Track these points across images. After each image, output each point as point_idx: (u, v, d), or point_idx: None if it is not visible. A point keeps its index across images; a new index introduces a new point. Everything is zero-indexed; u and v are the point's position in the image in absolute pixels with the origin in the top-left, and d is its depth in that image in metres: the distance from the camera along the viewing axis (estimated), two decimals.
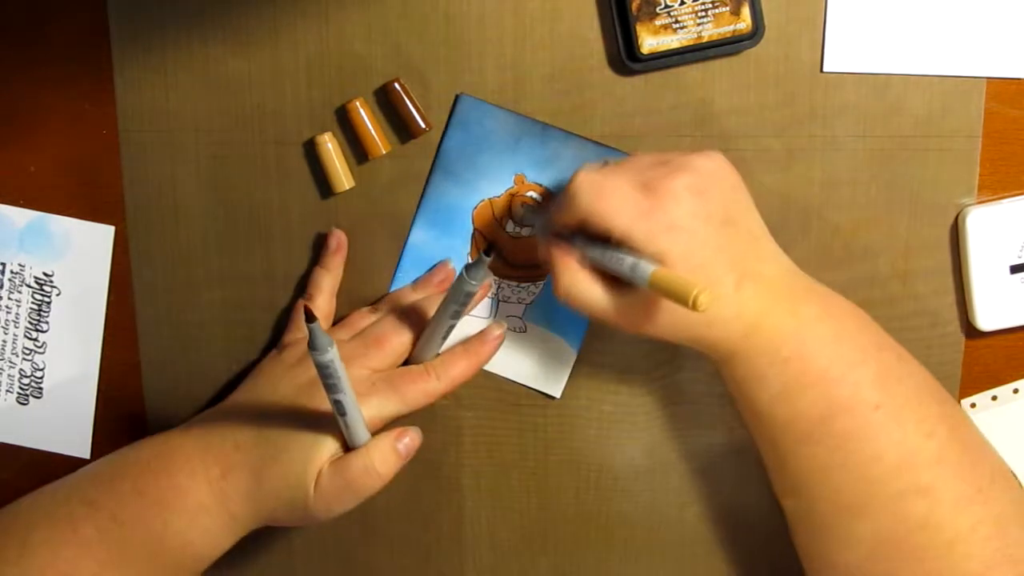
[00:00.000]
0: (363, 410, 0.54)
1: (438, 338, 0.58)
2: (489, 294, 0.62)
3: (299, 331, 0.62)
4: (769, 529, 0.64)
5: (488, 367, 0.62)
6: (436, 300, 0.59)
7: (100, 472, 0.59)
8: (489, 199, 0.61)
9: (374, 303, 0.63)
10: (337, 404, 0.52)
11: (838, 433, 0.51)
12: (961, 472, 0.52)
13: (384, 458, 0.55)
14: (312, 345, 0.48)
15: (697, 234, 0.51)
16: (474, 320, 0.62)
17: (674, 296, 0.47)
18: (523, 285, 0.62)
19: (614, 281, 0.54)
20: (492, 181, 0.61)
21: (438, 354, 0.60)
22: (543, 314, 0.63)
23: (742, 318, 0.52)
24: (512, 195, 0.61)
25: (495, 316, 0.63)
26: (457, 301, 0.56)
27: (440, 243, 0.62)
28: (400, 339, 0.59)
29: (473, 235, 0.62)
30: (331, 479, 0.55)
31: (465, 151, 0.60)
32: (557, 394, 0.63)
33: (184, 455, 0.57)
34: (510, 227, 0.61)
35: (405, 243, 0.62)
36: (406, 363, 0.60)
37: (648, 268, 0.49)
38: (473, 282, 0.54)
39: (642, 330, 0.53)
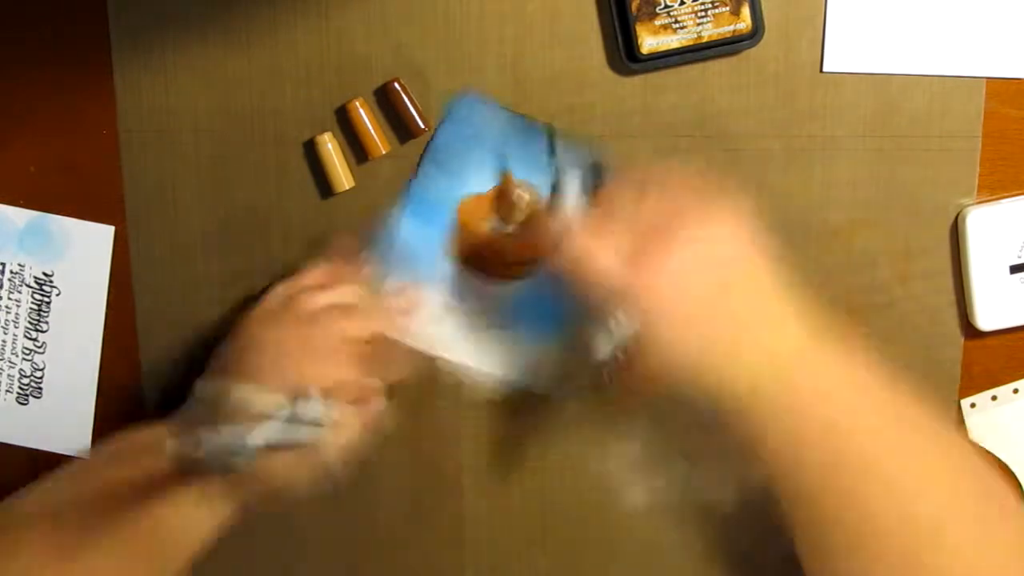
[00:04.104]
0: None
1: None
2: (449, 302, 0.62)
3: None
4: (769, 529, 0.64)
5: (458, 358, 0.62)
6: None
7: (88, 457, 0.59)
8: (475, 195, 0.61)
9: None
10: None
11: (846, 489, 0.50)
12: (971, 502, 0.51)
13: (342, 412, 0.54)
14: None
15: (692, 316, 0.50)
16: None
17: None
18: (505, 282, 0.62)
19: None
20: (481, 176, 0.61)
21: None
22: (527, 310, 0.62)
23: (739, 380, 0.51)
24: (499, 191, 0.61)
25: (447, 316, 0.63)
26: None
27: (421, 232, 0.62)
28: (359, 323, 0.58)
29: (456, 227, 0.61)
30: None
31: (456, 144, 0.60)
32: (542, 391, 0.63)
33: (155, 439, 0.57)
34: (494, 223, 0.61)
35: (387, 228, 0.62)
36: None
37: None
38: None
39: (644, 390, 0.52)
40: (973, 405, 0.62)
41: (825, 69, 0.59)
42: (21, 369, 0.64)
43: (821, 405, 0.51)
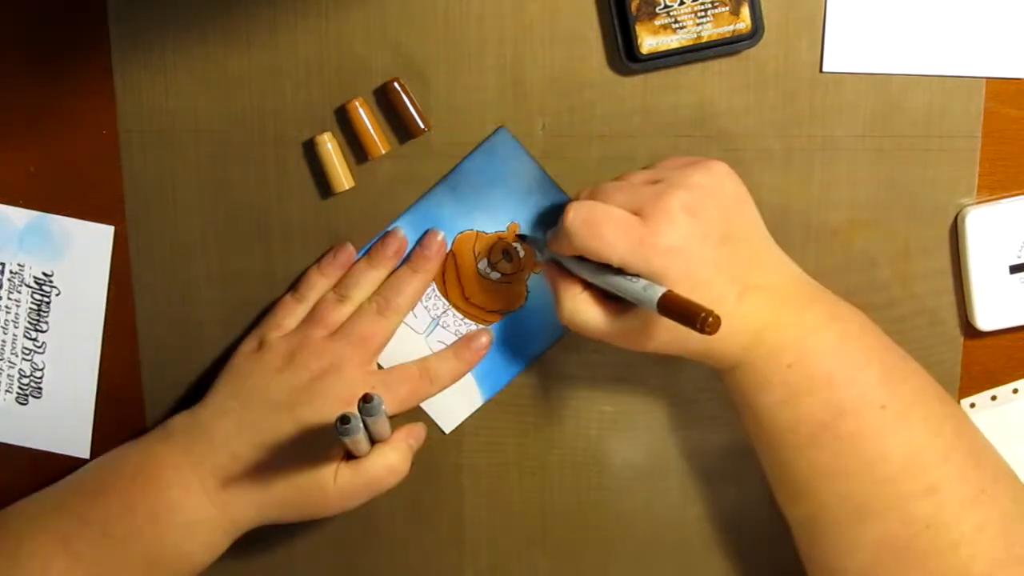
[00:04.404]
0: None
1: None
2: (431, 315, 0.62)
3: (278, 329, 0.61)
4: (770, 530, 0.64)
5: None
6: (405, 277, 0.60)
7: (86, 483, 0.59)
8: (477, 232, 0.61)
9: (335, 287, 0.62)
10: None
11: (844, 435, 0.51)
12: (966, 471, 0.51)
13: (404, 457, 0.58)
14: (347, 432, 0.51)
15: (695, 254, 0.51)
16: (410, 333, 0.62)
17: (684, 319, 0.47)
18: (466, 321, 0.62)
19: (615, 302, 0.54)
20: (489, 217, 0.61)
21: None
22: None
23: (746, 330, 0.52)
24: (500, 238, 0.61)
25: (429, 335, 0.62)
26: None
27: (411, 246, 0.62)
28: (384, 332, 0.60)
29: (447, 256, 0.62)
30: (353, 478, 0.57)
31: (480, 178, 0.60)
32: (448, 430, 0.64)
33: (172, 467, 0.57)
34: (482, 265, 0.62)
35: (383, 233, 0.62)
36: None
37: (652, 293, 0.49)
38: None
39: (646, 348, 0.54)
40: (973, 405, 0.62)
41: (825, 69, 0.59)
42: (21, 369, 0.64)
43: (821, 352, 0.52)
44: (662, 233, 0.51)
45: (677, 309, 0.48)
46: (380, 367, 0.62)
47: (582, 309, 0.55)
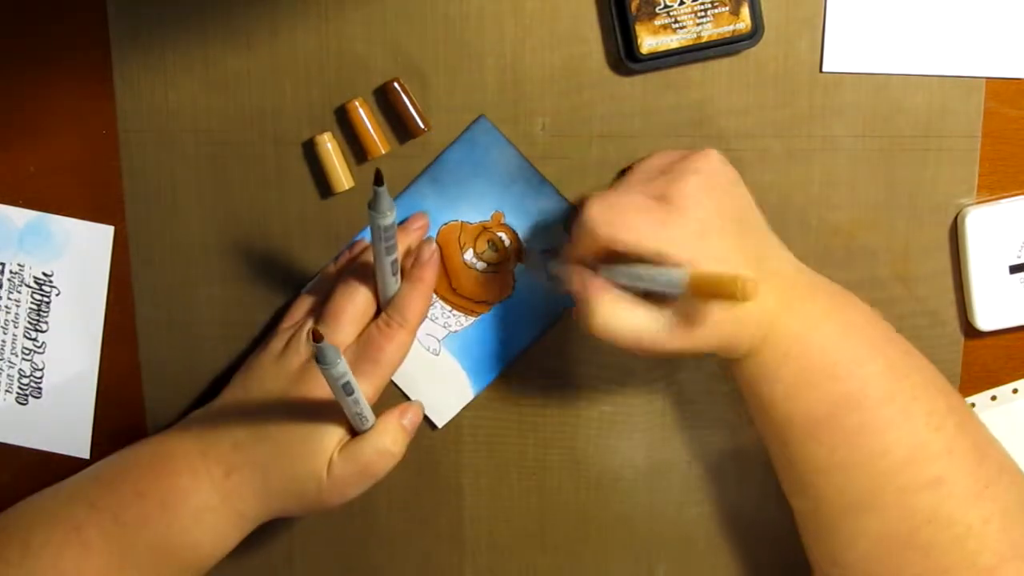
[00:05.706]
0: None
1: (389, 278, 0.57)
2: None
3: (289, 319, 0.61)
4: (770, 530, 0.64)
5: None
6: (367, 256, 0.58)
7: (101, 473, 0.59)
8: (461, 222, 0.61)
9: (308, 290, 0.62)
10: (355, 403, 0.52)
11: (846, 429, 0.51)
12: (970, 466, 0.52)
13: (395, 438, 0.56)
14: (321, 360, 0.48)
15: (724, 234, 0.51)
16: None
17: (720, 291, 0.46)
18: (455, 313, 0.62)
19: (648, 304, 0.52)
20: (472, 207, 0.61)
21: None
22: (461, 348, 0.63)
23: (760, 317, 0.52)
24: (484, 228, 0.61)
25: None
26: (382, 239, 0.54)
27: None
28: (355, 304, 0.58)
29: None
30: (344, 466, 0.55)
31: (461, 169, 0.60)
32: (439, 424, 0.64)
33: (183, 455, 0.57)
34: (468, 256, 0.62)
35: (366, 228, 0.62)
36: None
37: (681, 273, 0.48)
38: (379, 214, 0.52)
39: (686, 344, 0.52)
40: (973, 405, 0.62)
41: (825, 69, 0.59)
42: (21, 369, 0.64)
43: (824, 344, 0.52)
44: (690, 215, 0.51)
45: (709, 283, 0.47)
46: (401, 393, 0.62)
47: (621, 314, 0.52)
